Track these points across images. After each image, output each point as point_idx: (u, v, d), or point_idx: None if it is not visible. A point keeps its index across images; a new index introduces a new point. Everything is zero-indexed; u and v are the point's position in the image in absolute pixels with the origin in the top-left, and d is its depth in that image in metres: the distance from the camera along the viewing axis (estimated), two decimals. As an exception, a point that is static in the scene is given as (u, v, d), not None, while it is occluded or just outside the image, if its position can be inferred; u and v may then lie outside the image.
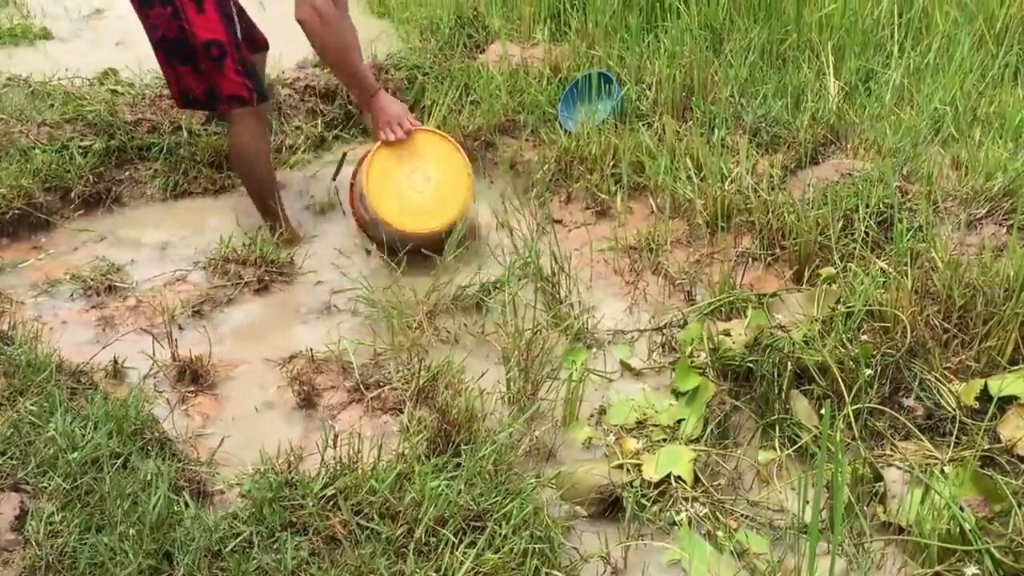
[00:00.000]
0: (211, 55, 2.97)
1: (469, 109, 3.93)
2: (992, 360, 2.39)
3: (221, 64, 2.99)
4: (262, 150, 3.22)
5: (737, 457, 2.32)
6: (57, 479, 1.97)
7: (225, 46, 2.98)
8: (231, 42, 2.99)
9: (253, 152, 3.19)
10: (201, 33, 2.94)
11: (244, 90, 3.06)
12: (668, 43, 4.01)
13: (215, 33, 2.95)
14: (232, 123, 3.15)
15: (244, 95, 3.06)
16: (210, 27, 2.94)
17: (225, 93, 3.04)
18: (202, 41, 2.95)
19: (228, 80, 3.02)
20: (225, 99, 3.06)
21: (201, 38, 2.94)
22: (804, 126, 3.41)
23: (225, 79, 3.01)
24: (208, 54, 2.97)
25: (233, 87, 3.04)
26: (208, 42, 2.95)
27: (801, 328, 2.54)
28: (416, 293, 2.92)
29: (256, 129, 3.17)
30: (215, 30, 2.95)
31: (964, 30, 3.96)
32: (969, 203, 2.90)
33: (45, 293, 2.93)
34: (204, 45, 2.95)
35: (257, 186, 3.26)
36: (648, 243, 3.19)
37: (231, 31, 2.99)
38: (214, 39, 2.95)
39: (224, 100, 3.07)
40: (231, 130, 3.18)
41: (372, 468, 2.10)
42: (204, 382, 2.60)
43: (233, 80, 3.02)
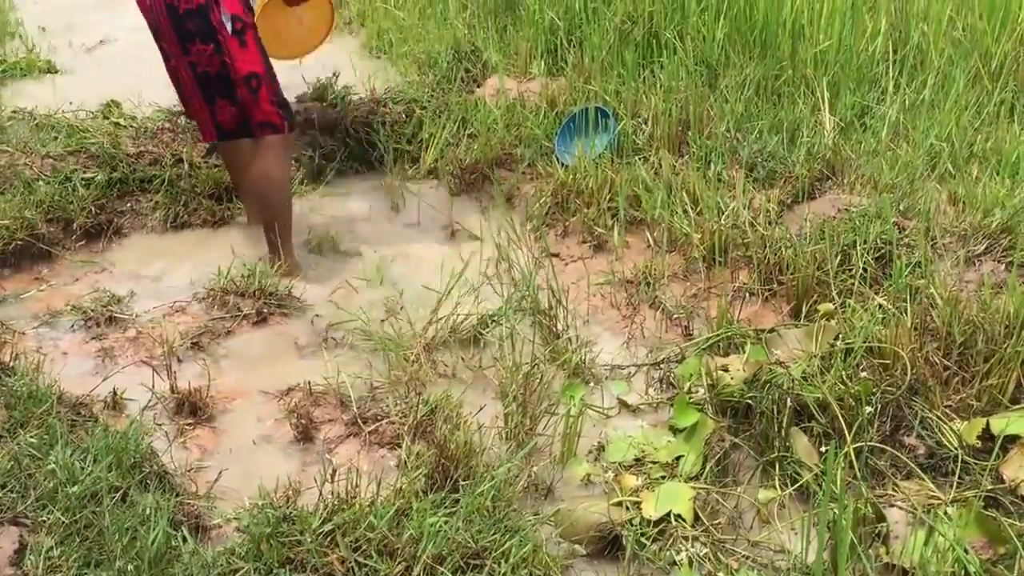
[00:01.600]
0: (251, 87, 3.06)
1: (466, 142, 3.96)
2: (993, 398, 2.38)
3: (257, 95, 3.09)
4: (286, 177, 3.32)
5: (737, 495, 2.32)
6: (56, 513, 1.96)
7: (263, 77, 3.09)
8: (267, 73, 3.12)
9: (280, 177, 3.26)
10: (243, 67, 3.04)
11: (277, 118, 3.15)
12: (664, 78, 4.03)
13: (255, 66, 3.06)
14: (259, 150, 3.19)
15: (276, 122, 3.16)
16: (251, 60, 3.05)
17: (258, 120, 3.13)
18: (243, 75, 3.04)
19: (262, 110, 3.11)
20: (258, 125, 3.14)
21: (243, 72, 3.04)
22: (800, 161, 3.43)
23: (259, 108, 3.11)
24: (248, 86, 3.06)
25: (267, 115, 3.13)
26: (249, 75, 3.05)
27: (800, 364, 2.54)
28: (414, 326, 2.93)
29: (284, 155, 3.27)
30: (254, 62, 3.06)
31: (959, 67, 3.99)
32: (967, 239, 2.91)
33: (46, 324, 2.94)
34: (245, 79, 3.04)
35: (276, 213, 3.29)
36: (645, 277, 3.20)
37: (267, 63, 3.13)
38: (253, 72, 3.06)
39: (257, 127, 3.14)
40: (258, 156, 3.21)
41: (370, 504, 2.09)
42: (202, 414, 2.60)
43: (267, 110, 3.12)
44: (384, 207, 3.80)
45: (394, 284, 3.28)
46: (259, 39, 3.11)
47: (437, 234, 3.69)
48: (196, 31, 2.97)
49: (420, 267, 3.37)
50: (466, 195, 3.84)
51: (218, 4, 2.97)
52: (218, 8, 2.97)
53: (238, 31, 3.01)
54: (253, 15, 3.11)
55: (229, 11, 2.98)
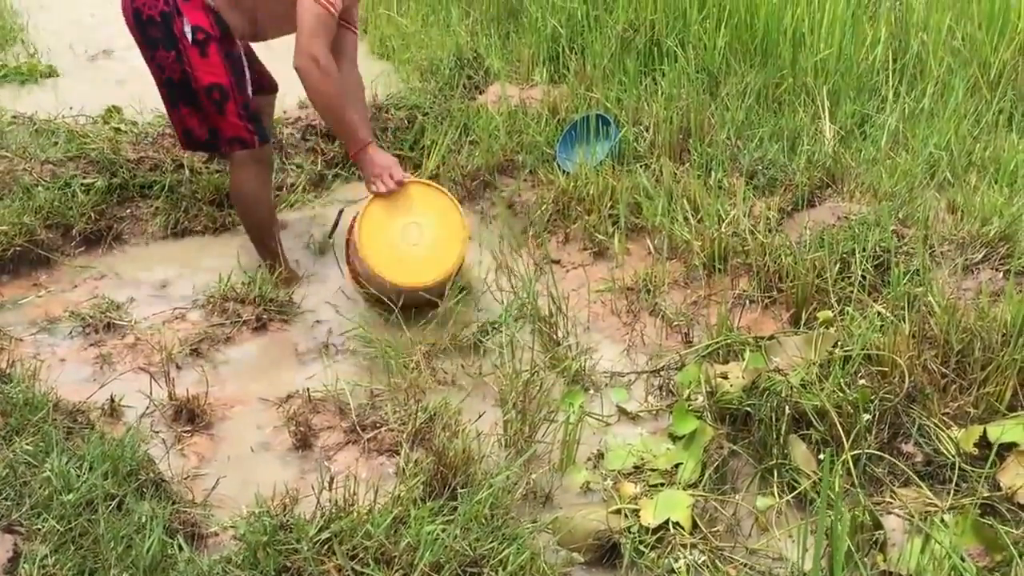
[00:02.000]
0: (212, 98, 3.00)
1: (468, 149, 3.96)
2: (991, 406, 2.38)
3: (223, 107, 3.02)
4: (262, 192, 3.24)
5: (736, 503, 2.31)
6: (51, 521, 1.95)
7: (227, 89, 3.01)
8: (233, 85, 3.02)
9: (253, 194, 3.21)
10: (203, 77, 2.97)
11: (245, 132, 3.08)
12: (665, 86, 4.04)
13: (217, 77, 2.99)
14: (233, 165, 3.17)
15: (245, 137, 3.09)
16: (213, 71, 2.98)
17: (227, 135, 3.07)
18: (204, 85, 2.98)
19: (230, 123, 3.05)
20: (226, 141, 3.09)
21: (203, 82, 2.98)
22: (800, 169, 3.43)
23: (227, 122, 3.04)
24: (210, 97, 3.00)
25: (235, 130, 3.06)
26: (210, 86, 2.99)
27: (799, 372, 2.54)
28: (414, 334, 2.93)
29: (256, 172, 3.18)
30: (217, 74, 2.99)
31: (958, 76, 4.00)
32: (965, 248, 2.91)
33: (44, 330, 2.93)
34: (206, 89, 2.99)
35: (256, 227, 3.28)
36: (645, 284, 3.20)
37: (234, 74, 3.03)
38: (215, 83, 2.99)
39: (225, 142, 3.09)
40: (232, 172, 3.20)
41: (368, 512, 2.09)
42: (200, 422, 2.60)
43: (234, 123, 3.05)
44: (385, 214, 3.80)
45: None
46: (227, 53, 3.00)
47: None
48: (159, 37, 2.95)
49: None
50: (467, 202, 3.83)
51: (181, 14, 2.93)
52: (180, 18, 2.93)
53: (199, 41, 2.95)
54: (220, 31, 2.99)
55: (191, 21, 2.94)
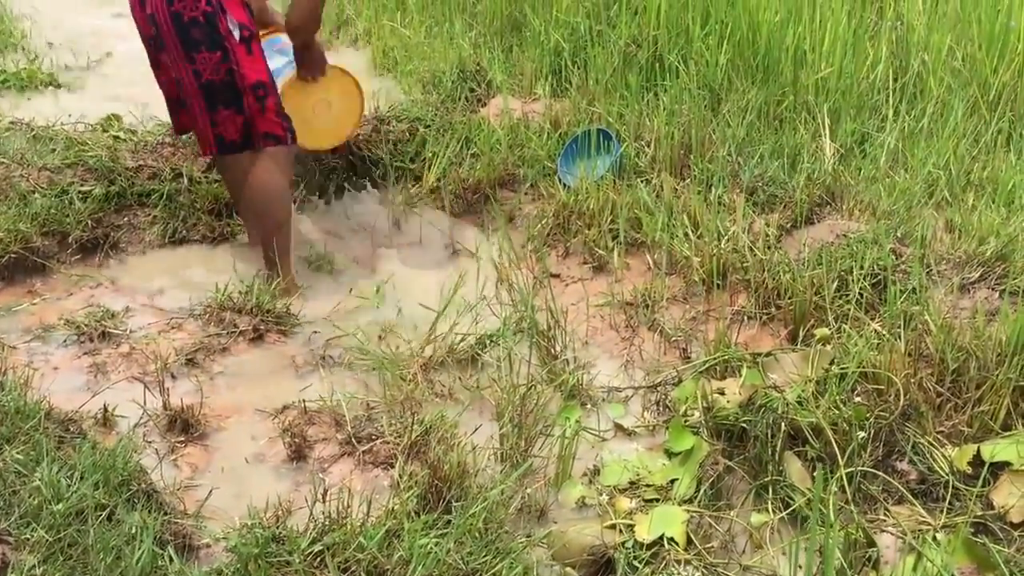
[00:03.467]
0: (257, 95, 3.06)
1: (469, 162, 3.96)
2: (985, 425, 2.38)
3: (265, 104, 3.08)
4: (286, 190, 3.28)
5: (730, 519, 2.31)
6: (40, 531, 1.94)
7: (268, 86, 3.09)
8: (273, 84, 3.12)
9: (279, 190, 3.23)
10: (250, 75, 3.03)
11: (280, 129, 3.15)
12: (667, 102, 4.05)
13: (261, 74, 3.06)
14: (260, 160, 3.16)
15: (280, 134, 3.15)
16: (257, 68, 3.05)
17: (261, 130, 3.11)
18: (251, 83, 3.04)
19: (267, 120, 3.11)
20: (261, 136, 3.13)
21: (250, 80, 3.03)
22: (800, 186, 3.44)
23: (265, 119, 3.10)
24: (255, 95, 3.05)
25: (271, 126, 3.12)
26: (256, 83, 3.05)
27: (795, 388, 2.54)
28: (411, 346, 2.92)
29: (284, 168, 3.23)
30: (261, 71, 3.07)
31: (958, 96, 4.00)
32: (962, 267, 2.91)
33: (38, 338, 2.91)
34: (252, 87, 3.04)
35: (275, 226, 3.26)
36: (644, 299, 3.19)
37: (271, 72, 3.12)
38: (260, 80, 3.06)
39: (260, 137, 3.13)
40: (258, 167, 3.16)
41: (361, 524, 2.08)
42: (194, 432, 2.58)
43: (272, 120, 3.11)
44: (385, 225, 3.79)
45: (393, 303, 3.28)
46: (263, 50, 3.11)
47: (437, 253, 3.69)
48: (202, 39, 2.95)
49: (419, 286, 3.37)
50: (468, 215, 3.84)
51: (225, 12, 2.96)
52: (225, 16, 2.96)
53: (245, 39, 3.01)
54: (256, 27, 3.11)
55: (236, 19, 2.98)
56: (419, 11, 5.56)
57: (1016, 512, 2.15)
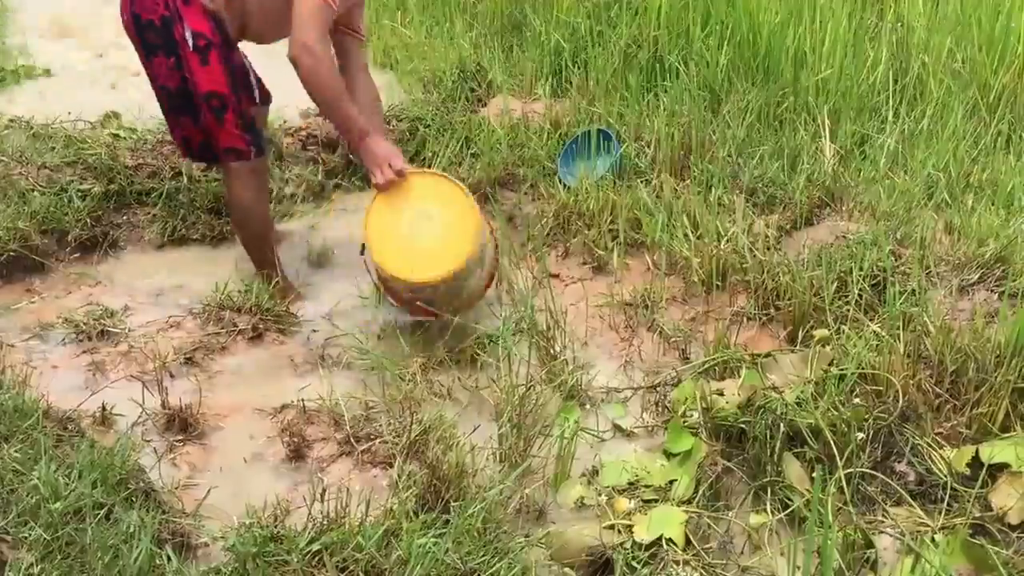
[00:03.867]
0: (212, 106, 2.98)
1: (469, 162, 3.96)
2: (983, 427, 2.38)
3: (221, 116, 3.00)
4: (257, 204, 3.20)
5: (729, 520, 2.30)
6: (38, 529, 1.94)
7: (226, 98, 2.99)
8: (232, 94, 3.00)
9: (248, 205, 3.17)
10: (203, 84, 2.95)
11: (242, 143, 3.05)
12: (667, 102, 4.05)
13: (217, 85, 2.96)
14: (228, 176, 3.14)
15: (242, 147, 3.06)
16: (213, 79, 2.96)
17: (223, 145, 3.05)
18: (204, 92, 2.96)
19: (227, 133, 3.02)
20: (223, 151, 3.07)
21: (203, 89, 2.96)
22: (800, 188, 3.44)
23: (224, 131, 3.02)
24: (209, 105, 2.98)
25: (231, 140, 3.04)
26: (209, 93, 2.96)
27: (794, 390, 2.53)
28: (410, 346, 2.92)
29: (252, 183, 3.15)
30: (217, 82, 2.96)
31: (958, 98, 4.01)
32: (961, 269, 2.91)
33: (36, 337, 2.92)
34: (205, 96, 2.97)
35: (251, 238, 3.26)
36: (644, 300, 3.19)
37: (233, 84, 3.01)
38: (215, 91, 2.97)
39: (221, 152, 3.07)
40: (227, 182, 3.18)
41: (359, 524, 2.08)
42: (193, 431, 2.58)
43: (232, 133, 3.03)
44: (384, 225, 3.79)
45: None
46: (227, 61, 2.98)
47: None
48: (158, 43, 2.94)
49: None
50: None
51: (182, 19, 2.91)
52: (181, 23, 2.91)
53: (200, 48, 2.92)
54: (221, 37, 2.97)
55: (192, 27, 2.91)
56: (419, 11, 5.56)
57: (1015, 514, 2.15)
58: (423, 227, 2.91)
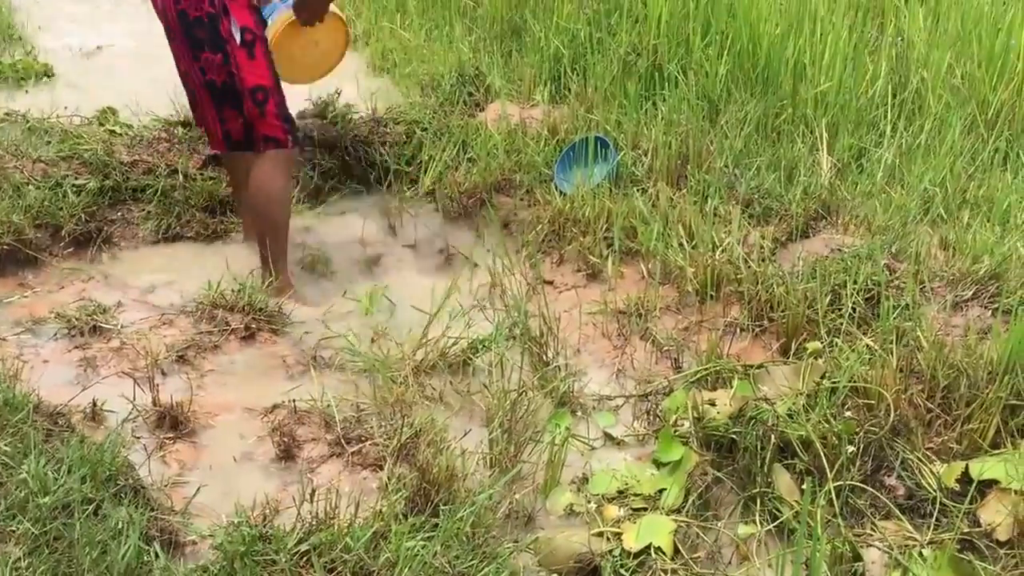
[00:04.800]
0: (256, 99, 3.06)
1: (466, 166, 3.96)
2: (974, 442, 2.39)
3: (264, 108, 3.08)
4: (286, 192, 3.28)
5: (718, 530, 2.31)
6: (26, 523, 1.93)
7: (269, 90, 3.08)
8: (274, 87, 3.10)
9: (277, 193, 3.23)
10: (250, 79, 3.03)
11: (281, 132, 3.15)
12: (665, 111, 4.05)
13: (262, 79, 3.06)
14: (262, 162, 3.18)
15: (281, 137, 3.15)
16: (259, 72, 3.05)
17: (262, 133, 3.12)
18: (250, 87, 3.04)
19: (268, 123, 3.11)
20: (262, 139, 3.13)
21: (249, 83, 3.03)
22: (796, 200, 3.44)
23: (265, 122, 3.10)
24: (254, 98, 3.06)
25: (272, 130, 3.12)
26: (255, 87, 3.05)
27: (786, 401, 2.54)
28: (403, 348, 2.92)
29: (284, 172, 3.24)
30: (262, 75, 3.06)
31: (956, 114, 4.02)
32: (956, 284, 2.92)
33: (28, 331, 2.90)
34: (251, 90, 3.04)
35: (272, 227, 3.26)
36: (637, 308, 3.19)
37: (275, 76, 3.11)
38: (260, 84, 3.06)
39: (261, 140, 3.13)
40: (258, 169, 3.19)
41: (348, 525, 2.07)
42: (183, 429, 2.57)
43: (273, 124, 3.12)
44: (380, 228, 3.79)
45: (386, 306, 3.27)
46: (268, 52, 3.10)
47: (432, 257, 3.68)
48: (205, 39, 2.98)
49: (413, 289, 3.35)
50: (463, 219, 3.83)
51: (228, 14, 2.97)
52: (228, 18, 2.97)
53: (247, 43, 3.01)
54: (264, 28, 3.10)
55: (239, 22, 2.98)
56: (419, 14, 5.56)
57: (1003, 530, 2.15)
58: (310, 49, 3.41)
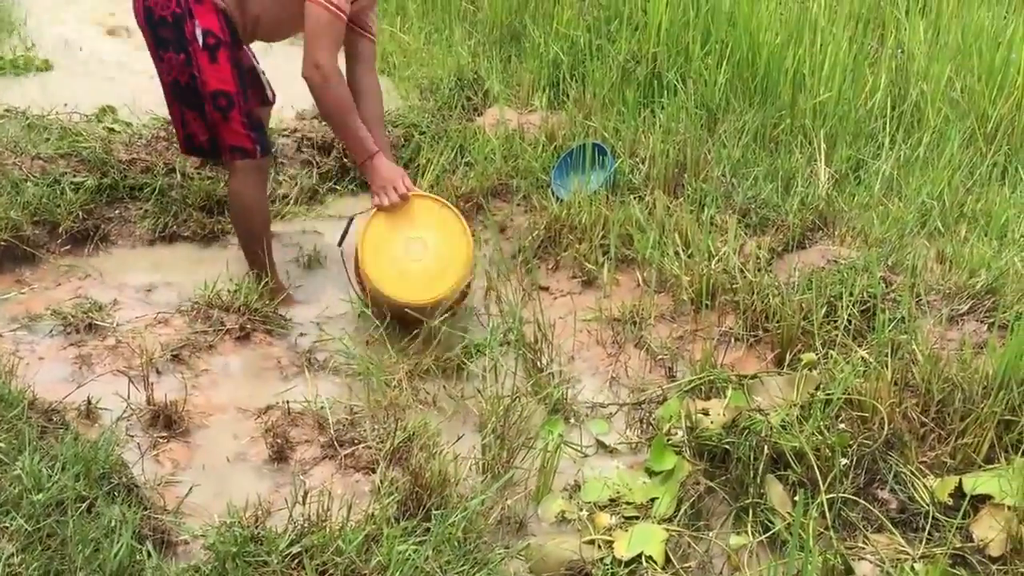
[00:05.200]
0: (218, 105, 3.00)
1: (463, 170, 3.96)
2: (968, 457, 2.39)
3: (227, 115, 3.02)
4: (258, 201, 3.22)
5: (709, 540, 2.31)
6: (19, 520, 1.93)
7: (233, 97, 3.01)
8: (239, 93, 3.03)
9: (249, 203, 3.19)
10: (211, 82, 2.98)
11: (248, 142, 3.07)
12: (664, 119, 4.06)
13: (224, 84, 2.99)
14: (233, 173, 3.16)
15: (248, 147, 3.08)
16: (221, 77, 2.98)
17: (228, 143, 3.07)
18: (211, 91, 2.99)
19: (233, 131, 3.04)
20: (228, 149, 3.08)
21: (210, 87, 2.98)
22: (793, 210, 3.45)
23: (230, 130, 3.04)
24: (215, 104, 3.00)
25: (237, 138, 3.06)
26: (216, 92, 2.99)
27: (780, 412, 2.54)
28: (397, 352, 2.92)
29: (255, 180, 3.17)
30: (225, 81, 2.99)
31: (955, 127, 4.03)
32: (952, 298, 2.92)
33: (24, 327, 2.89)
34: (212, 95, 2.99)
35: (249, 235, 3.25)
36: (632, 316, 3.20)
37: (241, 83, 3.04)
38: (222, 90, 2.99)
39: (227, 150, 3.09)
40: (231, 180, 3.19)
41: (340, 528, 2.07)
42: (177, 428, 2.57)
43: (238, 132, 3.05)
44: (376, 231, 3.78)
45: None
46: (235, 60, 3.02)
47: (427, 261, 3.67)
48: (170, 39, 2.96)
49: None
50: (459, 223, 3.83)
51: (192, 17, 2.94)
52: (192, 20, 2.94)
53: (210, 46, 2.96)
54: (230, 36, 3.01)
55: (203, 25, 2.94)
56: (419, 17, 5.57)
57: (996, 546, 2.16)
58: (416, 252, 3.07)
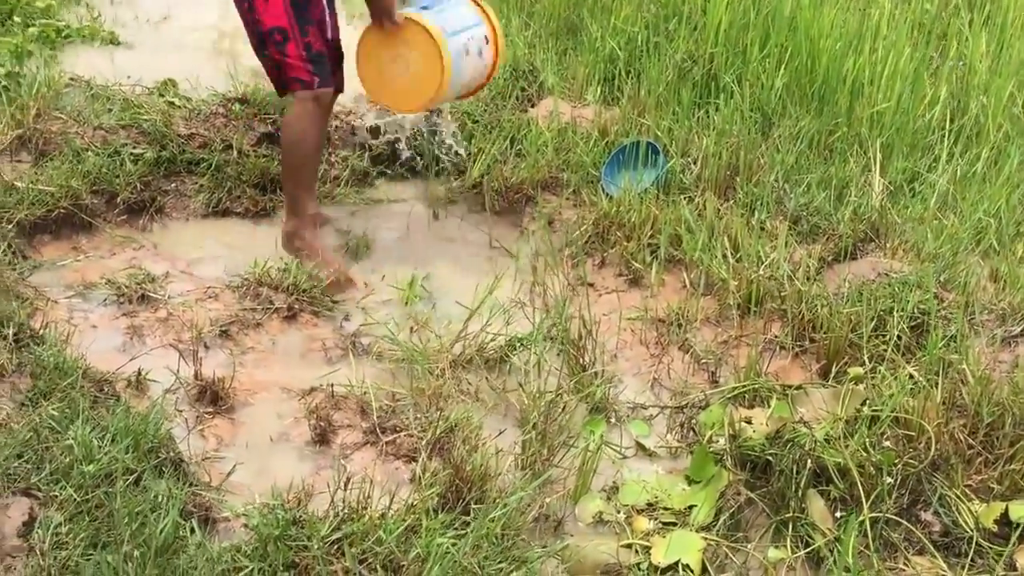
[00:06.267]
0: (275, 40, 3.13)
1: (514, 161, 3.96)
2: (1015, 484, 2.35)
3: (284, 49, 3.14)
4: (312, 137, 3.29)
5: (747, 552, 2.30)
6: (69, 489, 1.97)
7: (288, 31, 3.13)
8: (294, 27, 3.13)
9: (302, 129, 3.26)
10: (267, 20, 3.11)
11: (305, 73, 3.17)
12: (718, 121, 4.03)
13: (278, 20, 3.11)
14: (292, 104, 3.27)
15: (306, 78, 3.18)
16: (274, 14, 3.10)
17: (288, 74, 3.19)
18: (267, 29, 3.12)
19: (291, 65, 3.16)
20: (288, 80, 3.21)
21: (266, 25, 3.12)
22: (845, 220, 3.41)
23: (289, 64, 3.16)
24: (272, 39, 3.13)
25: (295, 71, 3.17)
26: (272, 29, 3.12)
27: (824, 426, 2.52)
28: (441, 341, 2.93)
29: (312, 113, 3.24)
30: (278, 16, 3.11)
31: (1015, 143, 3.96)
32: (1005, 319, 2.88)
33: (79, 295, 2.95)
34: (269, 32, 3.12)
35: (294, 166, 3.31)
36: (677, 318, 3.18)
37: (296, 18, 3.13)
38: (277, 25, 3.11)
39: (288, 81, 3.21)
40: (288, 110, 3.32)
41: (381, 517, 2.09)
42: (223, 404, 2.61)
43: (295, 65, 3.16)
44: (425, 217, 3.79)
45: (426, 296, 3.28)
46: None
47: (474, 250, 3.67)
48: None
49: (454, 282, 3.36)
50: (507, 214, 3.83)
51: None
52: None
53: None
54: None
55: None
56: (477, 5, 5.55)
57: (1039, 576, 2.13)
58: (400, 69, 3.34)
